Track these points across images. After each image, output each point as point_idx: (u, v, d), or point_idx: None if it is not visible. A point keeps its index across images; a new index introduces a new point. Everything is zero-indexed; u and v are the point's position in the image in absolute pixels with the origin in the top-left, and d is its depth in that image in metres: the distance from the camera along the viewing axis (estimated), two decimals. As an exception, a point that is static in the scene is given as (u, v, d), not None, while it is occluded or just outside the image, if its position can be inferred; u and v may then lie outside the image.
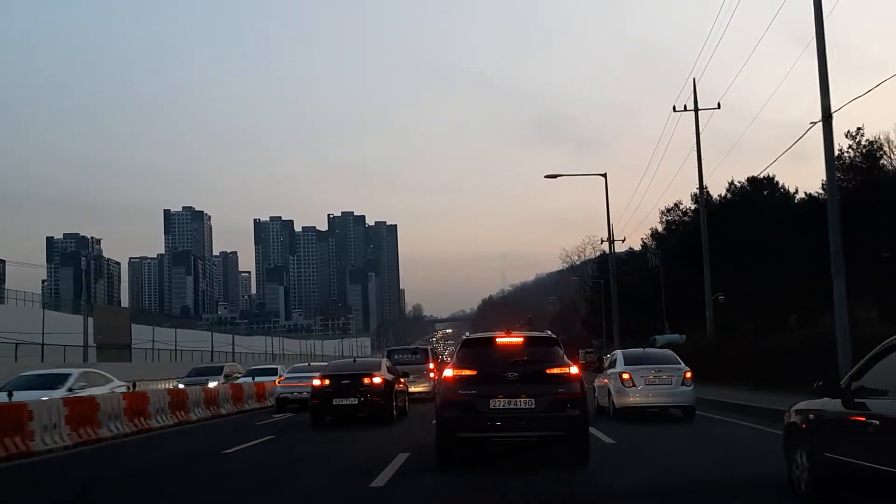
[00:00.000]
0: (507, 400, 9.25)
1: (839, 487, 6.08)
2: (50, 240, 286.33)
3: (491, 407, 9.24)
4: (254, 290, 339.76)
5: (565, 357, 9.90)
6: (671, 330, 46.22)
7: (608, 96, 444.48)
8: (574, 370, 9.68)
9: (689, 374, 16.10)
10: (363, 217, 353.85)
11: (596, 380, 18.96)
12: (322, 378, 17.87)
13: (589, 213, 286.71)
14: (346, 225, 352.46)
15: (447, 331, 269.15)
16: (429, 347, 31.52)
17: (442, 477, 9.28)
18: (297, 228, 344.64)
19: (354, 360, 21.15)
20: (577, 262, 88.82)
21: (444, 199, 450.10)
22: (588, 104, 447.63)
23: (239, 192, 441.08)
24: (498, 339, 10.18)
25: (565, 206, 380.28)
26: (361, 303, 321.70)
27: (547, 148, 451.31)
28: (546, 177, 35.40)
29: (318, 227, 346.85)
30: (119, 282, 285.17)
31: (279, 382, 24.96)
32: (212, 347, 65.52)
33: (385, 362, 19.45)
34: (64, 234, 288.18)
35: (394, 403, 17.95)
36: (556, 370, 9.58)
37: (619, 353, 17.87)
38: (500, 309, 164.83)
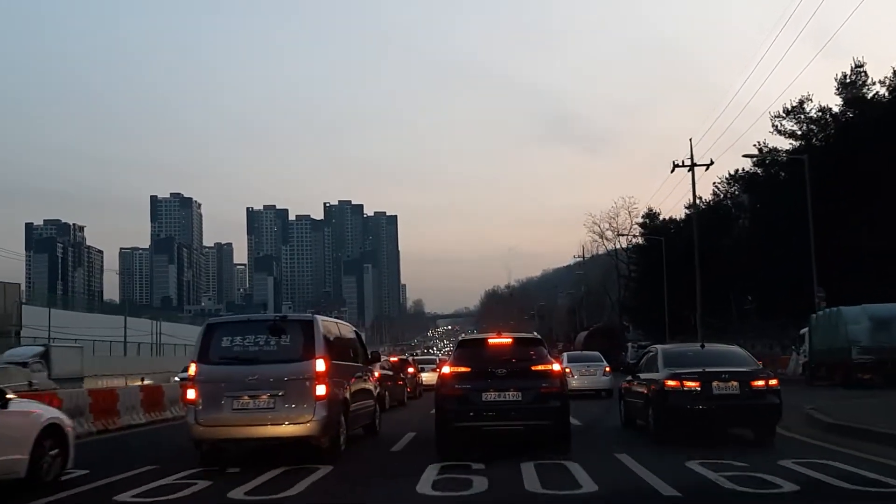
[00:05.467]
0: (497, 393, 10.39)
1: (635, 417, 13.25)
2: (29, 226, 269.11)
3: (483, 399, 10.37)
4: (248, 283, 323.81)
5: (548, 355, 11.07)
6: (826, 302, 28.52)
7: (619, 95, 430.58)
8: (556, 367, 10.83)
9: (608, 369, 24.41)
10: (361, 206, 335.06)
11: None
12: None
13: (597, 212, 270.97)
14: (343, 214, 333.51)
15: (447, 327, 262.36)
16: (318, 320, 10.92)
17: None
18: (292, 217, 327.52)
19: None
20: (608, 232, 72.24)
21: (450, 196, 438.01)
22: (599, 103, 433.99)
23: (238, 187, 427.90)
24: (489, 340, 11.50)
25: (573, 204, 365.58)
26: (357, 296, 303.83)
27: (556, 146, 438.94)
28: None
29: (313, 216, 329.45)
30: (101, 271, 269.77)
31: None
32: (124, 337, 49.14)
33: None
34: (44, 221, 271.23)
35: None
36: (540, 367, 10.68)
37: (564, 354, 28.30)
38: (505, 302, 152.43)
